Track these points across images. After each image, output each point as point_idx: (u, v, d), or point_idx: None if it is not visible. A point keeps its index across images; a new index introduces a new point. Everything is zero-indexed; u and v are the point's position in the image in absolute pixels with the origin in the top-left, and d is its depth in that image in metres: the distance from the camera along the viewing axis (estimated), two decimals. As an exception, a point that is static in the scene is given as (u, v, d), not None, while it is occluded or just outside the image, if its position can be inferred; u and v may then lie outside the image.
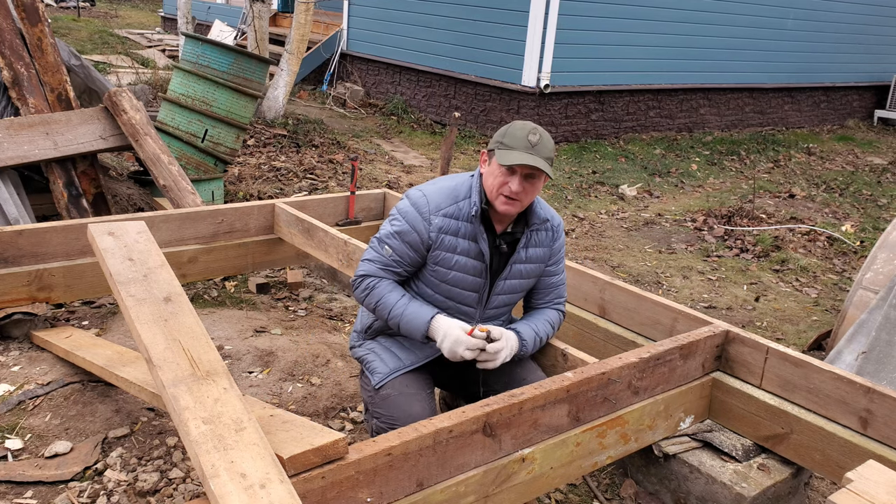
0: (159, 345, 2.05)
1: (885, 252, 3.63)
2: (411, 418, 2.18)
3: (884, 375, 3.01)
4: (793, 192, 7.72)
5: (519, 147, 2.24)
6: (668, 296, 4.80)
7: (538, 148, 2.24)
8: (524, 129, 2.27)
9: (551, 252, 2.50)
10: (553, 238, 2.50)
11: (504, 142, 2.28)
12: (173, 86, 5.12)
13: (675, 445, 2.65)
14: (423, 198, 2.35)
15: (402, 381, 2.35)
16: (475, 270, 2.37)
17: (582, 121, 9.03)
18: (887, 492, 1.76)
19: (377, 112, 9.82)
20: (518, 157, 2.23)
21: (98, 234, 2.57)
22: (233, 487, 1.59)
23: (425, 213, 2.33)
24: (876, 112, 12.86)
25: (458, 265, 2.35)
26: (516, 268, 2.43)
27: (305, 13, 8.06)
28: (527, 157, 2.22)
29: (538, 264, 2.48)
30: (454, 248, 2.34)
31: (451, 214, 2.34)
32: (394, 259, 2.37)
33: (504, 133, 2.30)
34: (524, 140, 2.25)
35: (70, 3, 17.98)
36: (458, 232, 2.34)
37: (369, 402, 2.39)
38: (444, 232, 2.33)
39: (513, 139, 2.26)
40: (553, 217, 2.50)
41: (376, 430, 2.30)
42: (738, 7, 9.87)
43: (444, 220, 2.33)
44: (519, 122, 2.31)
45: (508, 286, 2.45)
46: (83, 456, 2.58)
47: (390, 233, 2.38)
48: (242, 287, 4.22)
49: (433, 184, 2.42)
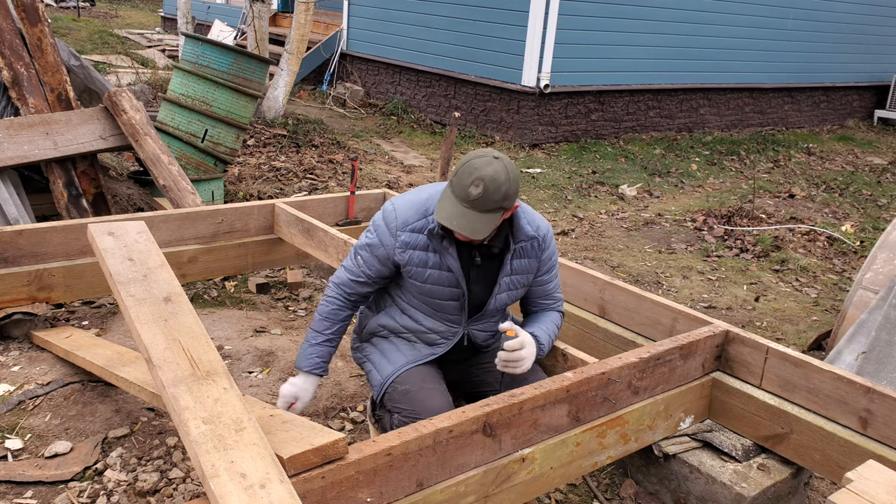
0: (159, 345, 2.05)
1: (884, 252, 3.63)
2: (433, 411, 2.18)
3: (884, 375, 3.01)
4: (793, 192, 7.72)
5: (458, 196, 2.12)
6: (668, 296, 4.80)
7: (479, 202, 2.09)
8: (469, 177, 2.11)
9: (539, 263, 2.43)
10: (541, 248, 2.42)
11: (452, 181, 2.16)
12: (173, 86, 5.12)
13: (675, 445, 2.65)
14: (393, 212, 2.32)
15: (419, 377, 2.34)
16: (450, 282, 2.33)
17: (582, 121, 9.03)
18: (887, 492, 1.76)
19: (377, 112, 9.82)
20: (448, 216, 2.14)
21: (98, 234, 2.57)
22: (233, 487, 1.59)
23: (392, 228, 2.31)
24: (876, 112, 12.86)
25: (431, 278, 2.32)
26: (504, 281, 2.38)
27: (305, 13, 8.06)
28: (456, 219, 2.12)
29: (525, 275, 2.42)
30: (425, 263, 2.31)
31: (418, 229, 2.29)
32: (363, 271, 2.39)
33: (457, 170, 2.16)
34: (465, 191, 2.10)
35: (70, 3, 17.98)
36: (427, 246, 2.30)
37: (385, 398, 2.37)
38: (411, 248, 2.30)
39: (457, 185, 2.13)
40: (539, 228, 2.40)
41: (399, 424, 2.26)
42: (738, 7, 9.87)
43: (410, 236, 2.29)
44: (474, 162, 2.13)
45: (500, 300, 2.41)
46: (83, 456, 2.58)
47: (363, 244, 2.38)
48: (242, 287, 4.22)
49: (406, 196, 2.38)
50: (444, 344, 2.43)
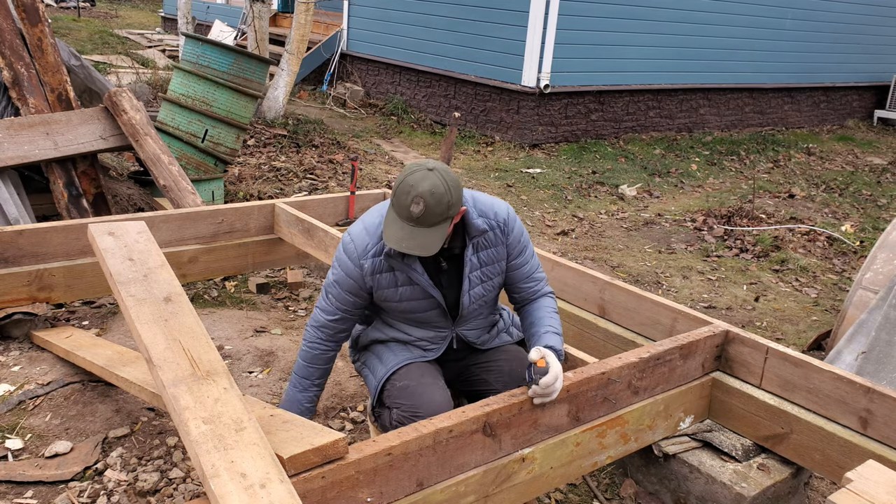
0: (159, 345, 2.05)
1: (884, 252, 3.63)
2: (433, 406, 2.18)
3: (884, 375, 3.01)
4: (792, 192, 7.73)
5: (401, 217, 2.08)
6: (668, 296, 4.80)
7: (423, 219, 2.05)
8: (408, 196, 2.05)
9: (507, 248, 2.35)
10: (504, 234, 2.33)
11: (392, 202, 2.11)
12: (173, 86, 5.12)
13: (675, 445, 2.65)
14: (351, 243, 2.29)
15: (418, 372, 2.34)
16: (423, 294, 2.31)
17: (582, 121, 9.03)
18: (887, 492, 1.76)
19: (377, 112, 9.82)
20: (397, 239, 2.09)
21: (98, 234, 2.57)
22: (233, 487, 1.59)
23: (355, 258, 2.27)
24: (876, 112, 12.86)
25: (404, 295, 2.30)
26: (474, 276, 2.33)
27: (305, 13, 8.06)
28: (405, 241, 2.07)
29: (495, 264, 2.36)
30: (394, 283, 2.28)
31: (378, 253, 2.26)
32: (338, 307, 2.34)
33: (395, 189, 2.09)
34: (406, 210, 2.06)
35: (70, 3, 17.98)
36: (391, 268, 2.27)
37: (384, 396, 2.36)
38: (377, 272, 2.27)
39: (398, 205, 2.08)
40: (497, 215, 2.32)
41: (398, 420, 2.25)
42: (737, 7, 9.87)
43: (373, 262, 2.26)
44: (408, 179, 2.07)
45: (475, 295, 2.36)
46: (83, 456, 2.58)
47: (331, 282, 2.33)
48: (242, 287, 4.22)
49: (358, 224, 2.33)
50: (435, 349, 2.43)
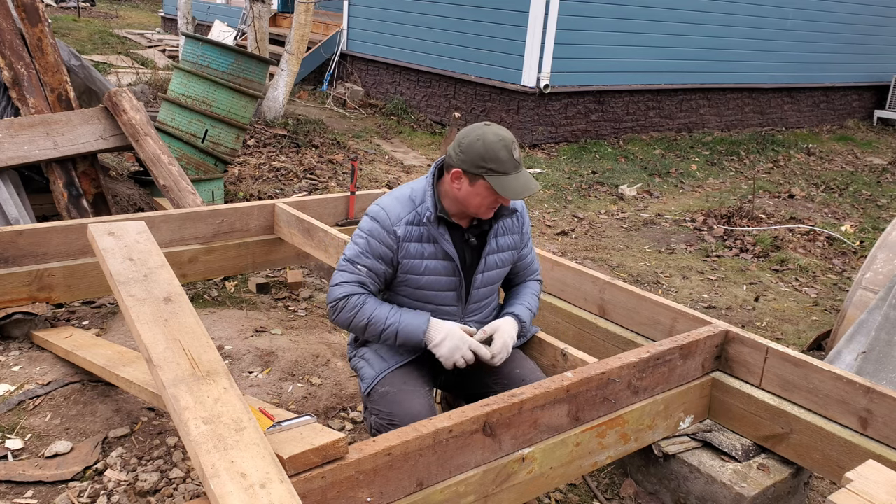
0: (159, 345, 2.05)
1: (884, 252, 3.63)
2: (410, 415, 2.18)
3: (883, 375, 3.01)
4: (792, 192, 7.73)
5: (510, 170, 2.20)
6: (668, 296, 4.80)
7: (522, 160, 2.22)
8: (506, 147, 2.19)
9: (521, 237, 2.50)
10: (521, 222, 2.49)
11: (493, 168, 2.19)
12: (173, 86, 5.12)
13: (675, 445, 2.65)
14: (383, 211, 2.33)
15: (400, 378, 2.35)
16: (447, 271, 2.36)
17: (582, 121, 9.03)
18: (887, 492, 1.76)
19: (377, 112, 9.82)
20: (520, 186, 2.20)
21: (98, 235, 2.57)
22: (233, 487, 1.59)
23: (388, 225, 2.31)
24: (875, 112, 12.86)
25: (428, 269, 2.34)
26: (490, 259, 2.42)
27: (305, 13, 8.06)
28: (525, 183, 2.21)
29: (511, 251, 2.48)
30: (422, 254, 2.33)
31: (411, 221, 2.32)
32: (370, 277, 2.34)
33: (483, 155, 2.19)
34: (511, 160, 2.19)
35: (70, 3, 17.98)
36: (421, 237, 2.32)
37: (367, 400, 2.39)
38: (408, 240, 2.31)
39: (500, 162, 2.18)
40: (517, 202, 2.47)
41: (375, 427, 2.29)
42: (737, 7, 9.87)
43: (406, 229, 2.31)
44: (491, 137, 2.20)
45: (486, 278, 2.44)
46: (83, 456, 2.58)
47: (360, 252, 2.33)
48: (242, 287, 4.22)
49: (389, 195, 2.40)
50: None
